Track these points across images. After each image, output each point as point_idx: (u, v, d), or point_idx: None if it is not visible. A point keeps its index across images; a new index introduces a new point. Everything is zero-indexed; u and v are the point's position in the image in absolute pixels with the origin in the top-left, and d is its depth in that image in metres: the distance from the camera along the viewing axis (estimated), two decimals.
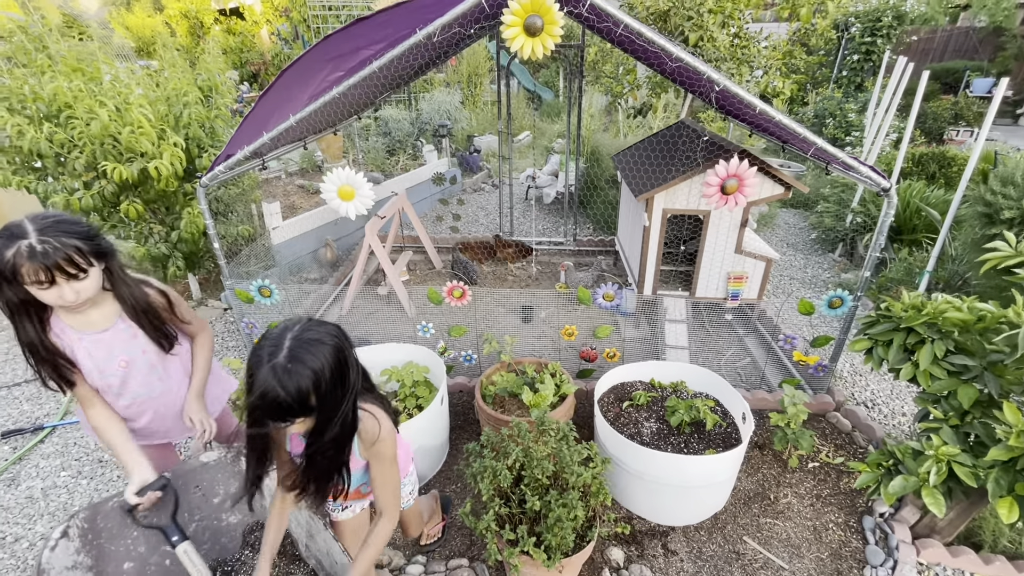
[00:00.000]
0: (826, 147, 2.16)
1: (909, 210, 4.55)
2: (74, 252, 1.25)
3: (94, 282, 1.34)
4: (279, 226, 4.36)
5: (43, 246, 1.20)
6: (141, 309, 1.48)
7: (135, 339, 1.53)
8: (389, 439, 1.32)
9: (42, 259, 1.20)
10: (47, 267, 1.21)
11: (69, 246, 1.24)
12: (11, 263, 1.19)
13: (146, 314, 1.50)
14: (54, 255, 1.21)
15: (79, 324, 1.44)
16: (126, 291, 1.45)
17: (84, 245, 1.28)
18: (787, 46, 5.10)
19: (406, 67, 2.87)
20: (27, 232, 1.21)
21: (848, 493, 2.39)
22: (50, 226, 1.23)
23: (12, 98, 3.11)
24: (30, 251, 1.19)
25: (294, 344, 1.06)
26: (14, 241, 1.19)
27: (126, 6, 14.61)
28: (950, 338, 1.91)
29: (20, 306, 1.31)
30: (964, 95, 9.26)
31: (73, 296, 1.30)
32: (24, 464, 2.72)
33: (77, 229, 1.28)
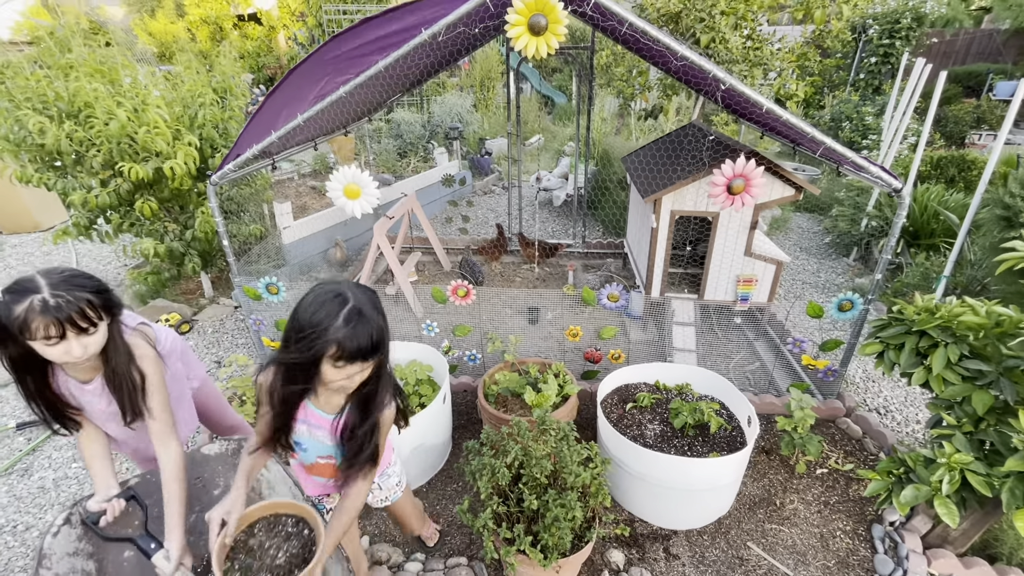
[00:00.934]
0: (835, 147, 2.12)
1: (927, 214, 4.45)
2: (86, 306, 1.24)
3: (101, 337, 1.33)
4: (290, 226, 4.42)
5: (56, 300, 1.19)
6: (118, 375, 1.42)
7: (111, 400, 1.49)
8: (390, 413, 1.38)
9: (55, 313, 1.18)
10: (59, 321, 1.19)
11: (82, 299, 1.23)
12: (22, 318, 1.17)
13: (120, 382, 1.43)
14: (67, 309, 1.20)
15: (68, 369, 1.43)
16: (112, 351, 1.39)
17: (95, 299, 1.27)
18: (801, 48, 5.03)
19: (414, 68, 2.89)
20: (40, 287, 1.19)
21: (857, 500, 2.33)
22: (63, 280, 1.23)
23: (35, 98, 3.21)
24: (43, 305, 1.17)
25: (359, 293, 1.18)
26: (26, 296, 1.18)
27: (150, 13, 15.01)
28: (965, 342, 1.86)
29: (23, 361, 1.29)
30: (987, 98, 9.05)
31: (80, 351, 1.27)
32: (37, 455, 2.78)
33: (89, 283, 1.27)
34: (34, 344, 1.22)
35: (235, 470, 1.76)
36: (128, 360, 1.44)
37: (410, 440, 2.27)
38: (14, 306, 1.17)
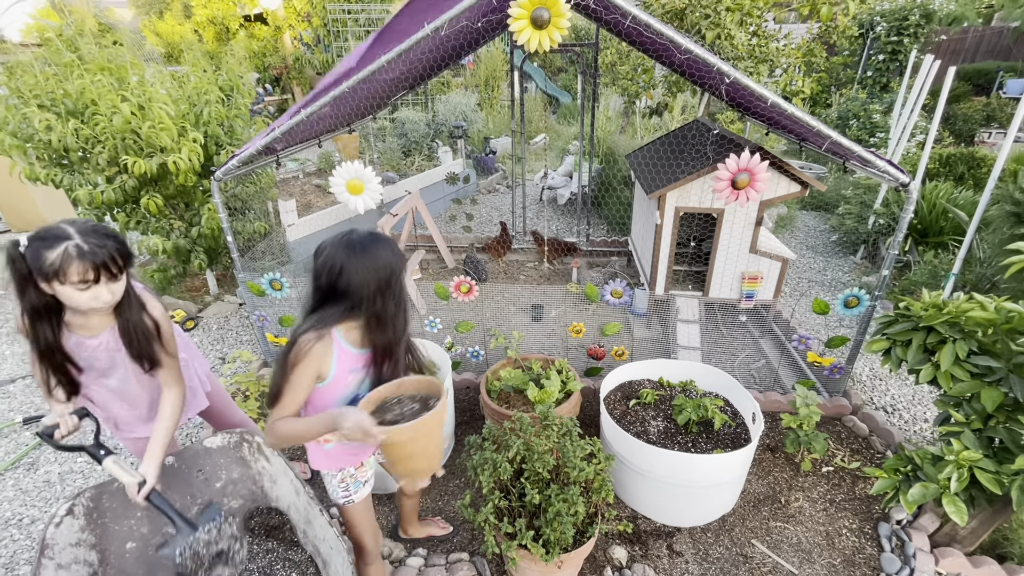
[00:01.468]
0: (841, 140, 2.10)
1: (935, 212, 4.40)
2: (115, 252, 1.30)
3: (123, 284, 1.38)
4: (294, 223, 4.43)
5: (90, 245, 1.25)
6: (132, 324, 1.47)
7: (118, 352, 1.52)
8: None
9: (91, 257, 1.25)
10: (95, 265, 1.26)
11: (110, 246, 1.29)
12: (58, 263, 1.22)
13: (137, 332, 1.49)
14: (101, 254, 1.26)
15: (76, 326, 1.44)
16: (126, 304, 1.44)
17: (120, 247, 1.32)
18: (807, 44, 4.99)
19: (417, 64, 2.89)
20: (71, 234, 1.25)
21: (863, 499, 2.30)
22: (90, 230, 1.29)
23: (42, 95, 3.23)
24: (79, 250, 1.23)
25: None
26: (59, 242, 1.23)
27: (158, 14, 15.12)
28: (973, 338, 1.83)
29: (43, 309, 1.33)
30: (997, 96, 8.94)
31: (109, 297, 1.33)
32: (44, 449, 2.80)
33: (112, 233, 1.33)
34: (64, 289, 1.26)
35: (238, 463, 1.77)
36: (140, 310, 1.49)
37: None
38: (47, 252, 1.22)
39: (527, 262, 4.83)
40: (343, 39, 8.56)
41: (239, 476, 1.77)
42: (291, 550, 1.67)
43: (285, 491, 1.72)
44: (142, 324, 1.49)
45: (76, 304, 1.31)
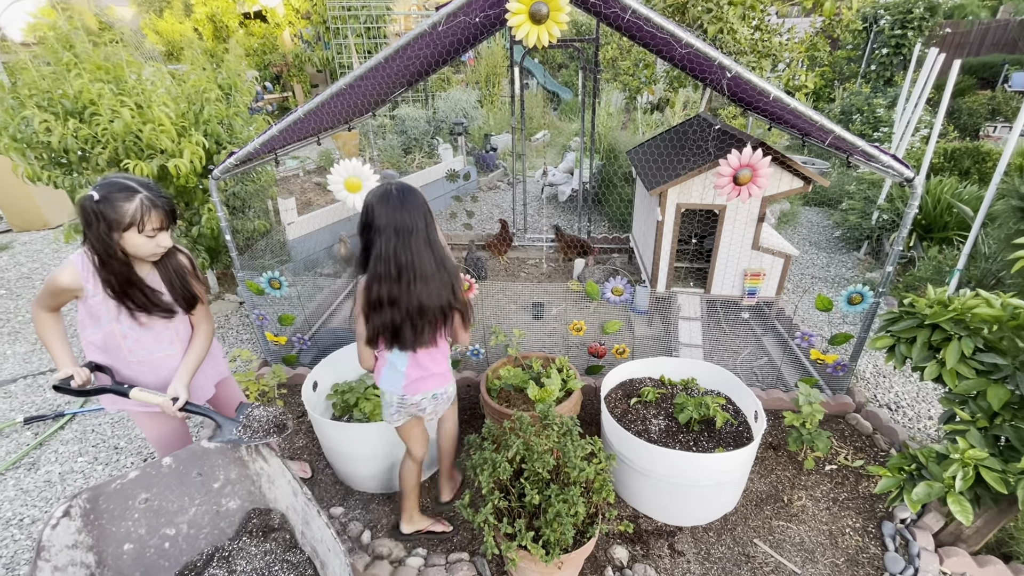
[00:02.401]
0: (845, 135, 2.07)
1: (940, 207, 4.36)
2: (174, 204, 1.50)
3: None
4: (294, 222, 4.42)
5: (158, 199, 1.45)
6: (173, 270, 1.65)
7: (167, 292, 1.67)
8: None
9: (164, 207, 1.46)
10: (167, 213, 1.47)
11: (170, 199, 1.49)
12: (139, 213, 1.41)
13: (177, 275, 1.65)
14: (168, 204, 1.48)
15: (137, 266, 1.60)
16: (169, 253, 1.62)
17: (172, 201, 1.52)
18: (810, 38, 4.94)
19: (415, 60, 2.86)
20: (137, 188, 1.43)
21: (867, 497, 2.28)
22: (147, 184, 1.47)
23: (40, 95, 3.22)
24: (152, 201, 1.43)
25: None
26: (132, 194, 1.41)
27: (158, 12, 15.09)
28: (979, 335, 1.80)
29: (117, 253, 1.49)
30: (1002, 90, 8.86)
31: (168, 242, 1.54)
32: (44, 449, 2.80)
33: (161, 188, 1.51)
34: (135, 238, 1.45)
35: (236, 463, 1.77)
36: (176, 253, 1.67)
37: None
38: (125, 203, 1.41)
39: (528, 259, 4.81)
40: (343, 36, 8.53)
41: (237, 476, 1.76)
42: (289, 551, 1.66)
43: (283, 492, 1.71)
44: (179, 265, 1.66)
45: (142, 251, 1.49)
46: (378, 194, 1.56)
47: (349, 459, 2.29)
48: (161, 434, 1.85)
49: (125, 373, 1.70)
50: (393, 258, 1.54)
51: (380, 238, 1.54)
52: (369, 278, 1.59)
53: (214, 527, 1.72)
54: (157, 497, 1.65)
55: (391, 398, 1.81)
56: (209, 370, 1.92)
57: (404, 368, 1.75)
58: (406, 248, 1.55)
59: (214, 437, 1.70)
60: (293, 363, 3.15)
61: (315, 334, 3.58)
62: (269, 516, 1.76)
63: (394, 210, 1.53)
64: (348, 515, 2.27)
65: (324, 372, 2.58)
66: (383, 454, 2.24)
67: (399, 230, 1.53)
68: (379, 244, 1.54)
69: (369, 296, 1.60)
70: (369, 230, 1.57)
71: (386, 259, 1.54)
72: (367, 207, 1.57)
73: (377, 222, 1.54)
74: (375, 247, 1.56)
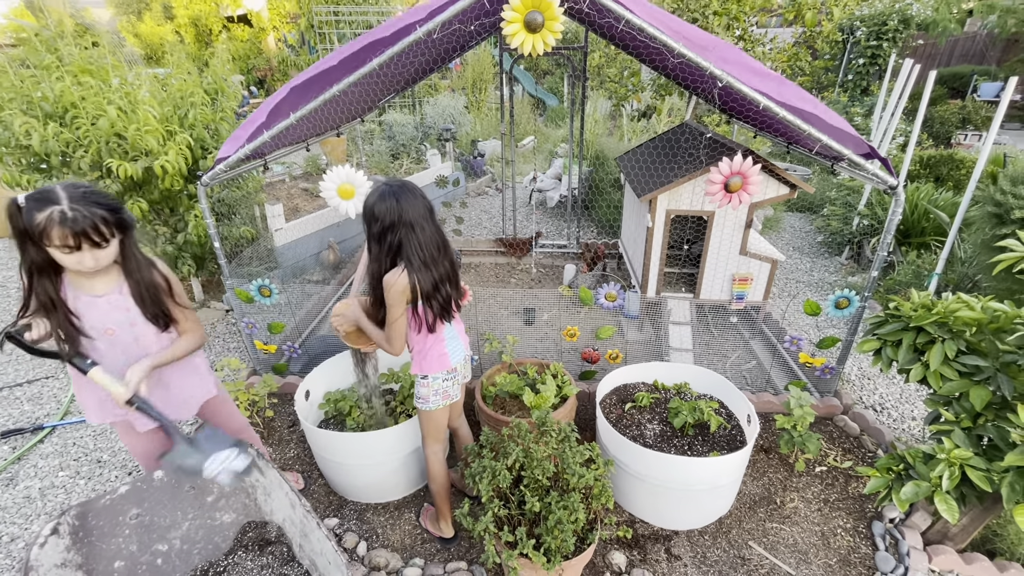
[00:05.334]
0: (832, 143, 2.13)
1: (917, 212, 4.49)
2: (100, 222, 1.33)
3: (112, 252, 1.42)
4: (282, 228, 4.37)
5: (74, 213, 1.29)
6: (144, 285, 1.54)
7: (127, 312, 1.55)
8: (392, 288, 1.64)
9: (72, 225, 1.29)
10: (76, 233, 1.30)
11: (97, 215, 1.32)
12: (42, 226, 1.27)
13: (148, 292, 1.55)
14: (83, 223, 1.30)
15: (80, 284, 1.49)
16: (134, 266, 1.51)
17: (110, 216, 1.36)
18: (792, 49, 5.07)
19: (408, 67, 2.86)
20: (60, 198, 1.29)
21: (857, 498, 2.33)
22: (81, 196, 1.32)
23: (19, 98, 3.14)
24: (62, 216, 1.28)
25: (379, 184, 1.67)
26: (47, 205, 1.28)
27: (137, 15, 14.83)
28: (961, 338, 1.86)
29: (41, 265, 1.38)
30: (972, 99, 9.18)
31: (92, 263, 1.38)
32: (23, 464, 2.71)
33: (104, 201, 1.36)
34: (51, 251, 1.33)
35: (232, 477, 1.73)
36: (150, 269, 1.56)
37: (406, 443, 2.23)
38: (36, 213, 1.28)
39: (517, 265, 4.82)
40: (329, 41, 8.48)
41: (231, 490, 1.72)
42: (287, 565, 1.63)
43: (280, 504, 1.68)
44: (153, 282, 1.55)
45: (64, 264, 1.37)
46: (394, 193, 1.61)
47: (344, 469, 2.26)
48: (146, 449, 1.77)
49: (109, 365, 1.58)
50: (431, 241, 1.64)
51: (414, 230, 1.61)
52: (414, 270, 1.63)
53: (208, 542, 1.68)
54: (148, 512, 1.61)
55: (444, 375, 1.85)
56: (193, 386, 1.81)
57: (456, 334, 1.88)
58: (434, 229, 1.66)
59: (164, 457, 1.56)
60: (283, 372, 3.10)
61: (305, 342, 3.53)
62: (265, 529, 1.72)
63: (415, 201, 1.62)
64: (343, 526, 2.24)
65: (316, 381, 2.55)
66: (379, 463, 2.22)
67: (425, 216, 1.63)
68: (414, 236, 1.61)
69: (422, 285, 1.64)
70: (393, 230, 1.60)
71: (426, 245, 1.63)
72: (386, 211, 1.59)
73: (406, 217, 1.60)
74: (410, 240, 1.60)
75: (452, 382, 1.89)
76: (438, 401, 1.87)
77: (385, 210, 1.59)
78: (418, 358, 1.84)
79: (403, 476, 2.33)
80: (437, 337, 1.81)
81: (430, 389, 1.85)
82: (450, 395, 1.90)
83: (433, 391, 1.86)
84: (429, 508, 2.27)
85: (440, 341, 1.82)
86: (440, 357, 1.83)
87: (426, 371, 1.83)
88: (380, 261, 1.65)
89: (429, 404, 1.87)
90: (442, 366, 1.83)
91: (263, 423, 2.84)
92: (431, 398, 1.86)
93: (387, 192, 1.61)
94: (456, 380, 1.91)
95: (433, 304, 1.70)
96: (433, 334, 1.79)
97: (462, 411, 2.24)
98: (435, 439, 1.99)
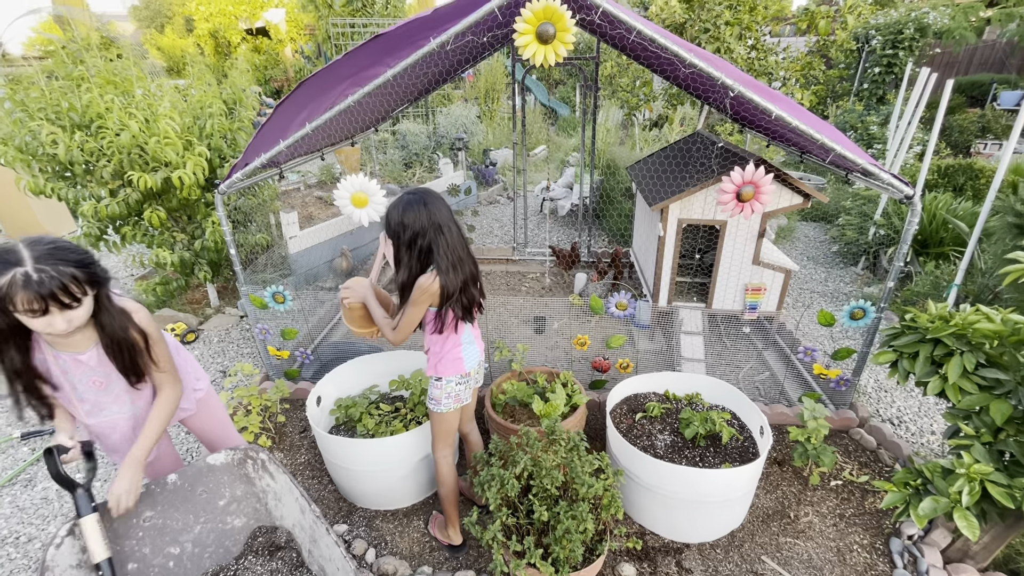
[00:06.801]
0: (846, 153, 2.11)
1: (935, 222, 4.42)
2: (70, 281, 1.21)
3: (86, 310, 1.30)
4: (296, 235, 4.43)
5: (39, 275, 1.16)
6: (116, 341, 1.42)
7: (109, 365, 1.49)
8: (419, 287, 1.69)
9: (37, 288, 1.16)
10: (42, 296, 1.17)
11: (65, 275, 1.20)
12: (4, 291, 1.15)
13: (120, 347, 1.44)
14: (50, 284, 1.17)
15: (59, 344, 1.41)
16: (107, 320, 1.39)
17: (80, 273, 1.24)
18: (805, 57, 5.05)
19: (422, 77, 2.91)
20: (23, 259, 1.17)
21: (874, 513, 2.28)
22: (46, 254, 1.19)
23: (48, 109, 3.24)
24: (25, 279, 1.15)
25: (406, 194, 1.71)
26: (9, 268, 1.15)
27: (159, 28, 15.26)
28: (981, 351, 1.82)
29: (7, 332, 1.27)
30: (991, 108, 9.04)
31: (64, 325, 1.25)
32: (41, 465, 2.76)
33: (73, 257, 1.24)
34: (18, 316, 1.21)
35: (241, 481, 1.75)
36: (126, 324, 1.43)
37: (416, 450, 2.24)
38: None
39: (529, 273, 4.83)
40: (344, 52, 8.66)
41: (243, 494, 1.74)
42: (296, 571, 1.63)
43: (290, 509, 1.69)
44: (127, 339, 1.43)
45: (34, 328, 1.25)
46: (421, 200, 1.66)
47: (354, 475, 2.27)
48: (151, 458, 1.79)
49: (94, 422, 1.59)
50: (457, 243, 1.70)
51: (442, 233, 1.67)
52: (443, 273, 1.67)
53: (219, 546, 1.70)
54: (161, 515, 1.64)
55: (457, 379, 1.88)
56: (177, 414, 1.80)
57: (473, 339, 1.91)
58: (459, 231, 1.72)
59: None
60: (295, 377, 3.13)
61: (317, 348, 3.56)
62: (275, 534, 1.74)
63: (441, 206, 1.69)
64: (352, 532, 2.25)
65: (327, 387, 2.57)
66: (388, 470, 2.23)
67: (450, 218, 1.71)
68: (443, 239, 1.66)
69: (451, 287, 1.69)
70: (423, 234, 1.65)
71: (453, 248, 1.68)
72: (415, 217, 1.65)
73: (436, 220, 1.66)
74: (438, 244, 1.66)
75: (465, 386, 1.91)
76: (449, 404, 1.89)
77: (415, 217, 1.64)
78: (434, 360, 1.87)
79: (412, 483, 2.33)
80: (455, 341, 1.84)
81: (443, 392, 1.87)
82: (462, 399, 1.92)
83: (446, 394, 1.88)
84: (438, 516, 2.27)
85: (457, 345, 1.85)
86: (455, 361, 1.86)
87: (441, 373, 1.86)
88: (410, 267, 1.69)
89: (441, 406, 1.89)
90: (456, 370, 1.86)
91: (275, 428, 2.87)
92: (443, 400, 1.88)
93: (413, 200, 1.66)
94: (469, 385, 1.93)
95: (456, 306, 1.74)
96: (451, 337, 1.82)
97: (473, 417, 2.25)
98: (445, 442, 2.00)
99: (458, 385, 1.88)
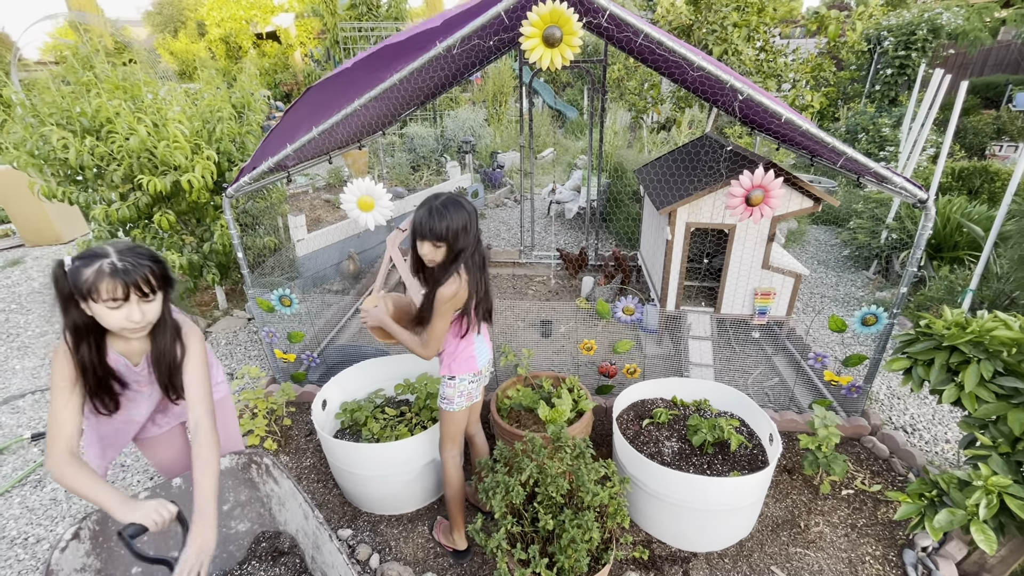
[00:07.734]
0: (857, 157, 2.07)
1: (950, 226, 4.34)
2: (149, 272, 1.33)
3: (158, 307, 1.39)
4: (304, 238, 4.45)
5: (123, 264, 1.29)
6: (162, 352, 1.48)
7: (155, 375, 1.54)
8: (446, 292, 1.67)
9: (123, 276, 1.28)
10: (126, 283, 1.28)
11: (145, 266, 1.32)
12: (91, 281, 1.26)
13: (162, 358, 1.49)
14: (133, 273, 1.29)
15: (119, 348, 1.47)
16: (161, 329, 1.45)
17: (156, 268, 1.35)
18: (815, 59, 5.00)
19: (429, 81, 2.91)
20: (108, 253, 1.30)
21: (886, 524, 2.23)
22: (127, 249, 1.33)
23: (59, 113, 3.29)
24: (112, 268, 1.27)
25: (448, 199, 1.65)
26: (96, 260, 1.27)
27: (172, 33, 15.47)
28: (998, 358, 1.78)
29: (84, 329, 1.36)
30: (1007, 109, 8.89)
31: (139, 316, 1.34)
32: None
33: (150, 253, 1.37)
34: (98, 307, 1.29)
35: (246, 485, 1.75)
36: (174, 337, 1.50)
37: (421, 455, 2.23)
38: (84, 270, 1.26)
39: (535, 276, 4.82)
40: (354, 55, 8.72)
41: (247, 499, 1.74)
42: None
43: (293, 514, 1.69)
44: (172, 352, 1.49)
45: (109, 324, 1.32)
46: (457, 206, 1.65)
47: (359, 480, 2.26)
48: (164, 458, 1.83)
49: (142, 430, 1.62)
50: (477, 249, 1.72)
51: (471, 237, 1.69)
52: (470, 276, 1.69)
53: (222, 551, 1.69)
54: None
55: (471, 377, 1.90)
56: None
57: (484, 339, 1.94)
58: (480, 237, 1.74)
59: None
60: (301, 380, 3.14)
61: (323, 351, 3.57)
62: (279, 540, 1.73)
63: (471, 212, 1.69)
64: (356, 537, 2.24)
65: (333, 390, 2.57)
66: (393, 474, 2.22)
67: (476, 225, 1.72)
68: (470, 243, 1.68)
69: (478, 291, 1.73)
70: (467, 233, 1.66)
71: (479, 252, 1.72)
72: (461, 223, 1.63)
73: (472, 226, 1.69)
74: (468, 247, 1.67)
75: (477, 384, 1.93)
76: (462, 402, 1.90)
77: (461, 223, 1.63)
78: (447, 360, 1.88)
79: (418, 488, 2.32)
80: (468, 339, 1.86)
81: (456, 390, 1.88)
82: (473, 397, 1.93)
83: (459, 392, 1.89)
84: (442, 521, 2.26)
85: (471, 344, 1.87)
86: (468, 360, 1.87)
87: (455, 372, 1.87)
88: (447, 268, 1.68)
89: (453, 405, 1.90)
90: (470, 368, 1.87)
91: (281, 431, 2.87)
92: (456, 399, 1.89)
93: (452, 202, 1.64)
94: (480, 382, 1.95)
95: (479, 308, 1.76)
96: (466, 338, 1.84)
97: (479, 418, 2.25)
98: (454, 442, 2.01)
99: (471, 383, 1.90)
